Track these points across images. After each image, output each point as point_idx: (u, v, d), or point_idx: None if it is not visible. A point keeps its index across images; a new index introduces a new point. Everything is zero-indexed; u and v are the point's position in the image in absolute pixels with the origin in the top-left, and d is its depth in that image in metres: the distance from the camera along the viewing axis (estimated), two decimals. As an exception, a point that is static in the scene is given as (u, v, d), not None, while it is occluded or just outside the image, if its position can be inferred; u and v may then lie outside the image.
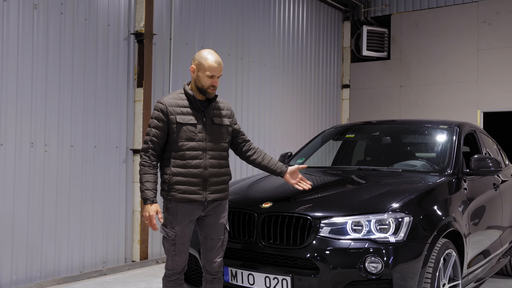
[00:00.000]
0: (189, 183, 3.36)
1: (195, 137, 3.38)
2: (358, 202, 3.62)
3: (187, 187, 3.36)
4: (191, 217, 3.41)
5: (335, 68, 10.51)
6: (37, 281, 5.25)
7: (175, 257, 3.43)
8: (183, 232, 3.41)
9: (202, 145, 3.39)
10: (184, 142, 3.36)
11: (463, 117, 9.09)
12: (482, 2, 9.40)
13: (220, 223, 3.49)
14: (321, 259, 3.34)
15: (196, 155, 3.37)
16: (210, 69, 3.39)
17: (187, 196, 3.36)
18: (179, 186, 3.36)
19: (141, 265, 6.21)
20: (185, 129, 3.36)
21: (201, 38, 7.24)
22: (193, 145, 3.37)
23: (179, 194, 3.36)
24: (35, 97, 5.29)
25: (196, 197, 3.37)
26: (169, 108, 3.37)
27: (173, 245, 3.41)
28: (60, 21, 5.53)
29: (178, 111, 3.38)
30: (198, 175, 3.36)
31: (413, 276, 3.34)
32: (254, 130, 8.25)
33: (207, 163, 3.39)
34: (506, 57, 9.13)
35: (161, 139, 3.38)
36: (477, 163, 4.42)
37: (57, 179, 5.49)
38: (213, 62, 3.39)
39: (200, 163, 3.37)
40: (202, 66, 3.39)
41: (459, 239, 3.94)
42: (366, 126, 5.67)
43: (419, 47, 10.04)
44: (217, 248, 3.49)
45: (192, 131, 3.37)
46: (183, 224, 3.39)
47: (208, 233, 3.49)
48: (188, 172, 3.36)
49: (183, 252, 3.45)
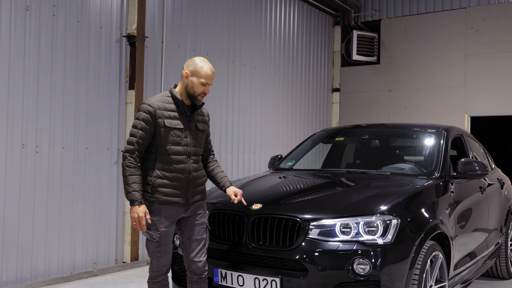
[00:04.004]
0: (174, 186, 3.41)
1: (181, 142, 3.42)
2: (347, 205, 3.66)
3: (171, 190, 3.40)
4: (174, 218, 3.47)
5: (325, 72, 10.59)
6: (28, 282, 5.25)
7: (160, 258, 3.47)
8: (166, 233, 3.45)
9: (187, 150, 3.45)
10: (170, 146, 3.40)
11: (451, 121, 9.20)
12: (470, 9, 9.53)
13: (202, 222, 3.56)
14: (310, 261, 3.38)
15: (182, 159, 3.42)
16: (206, 77, 3.43)
17: (171, 198, 3.41)
18: (164, 189, 3.39)
19: (131, 266, 6.22)
20: (172, 133, 3.40)
21: (193, 41, 7.28)
22: (179, 150, 3.42)
23: (163, 197, 3.40)
24: (26, 98, 5.29)
25: (179, 200, 3.43)
26: (157, 111, 3.38)
27: (158, 247, 3.44)
28: (52, 23, 5.54)
29: (166, 115, 3.40)
30: (182, 179, 3.42)
31: (401, 278, 3.38)
32: (245, 133, 8.29)
33: (191, 167, 3.46)
34: (493, 63, 9.26)
35: (146, 141, 3.40)
36: (464, 167, 4.48)
37: (48, 180, 5.49)
38: (208, 70, 3.44)
39: (185, 168, 3.43)
40: (197, 73, 3.42)
41: (446, 241, 3.99)
42: (355, 130, 5.73)
43: (408, 52, 10.15)
44: (200, 247, 3.54)
45: (179, 136, 3.42)
46: (166, 225, 3.43)
47: (191, 233, 3.54)
48: (174, 176, 3.40)
49: (168, 252, 3.49)
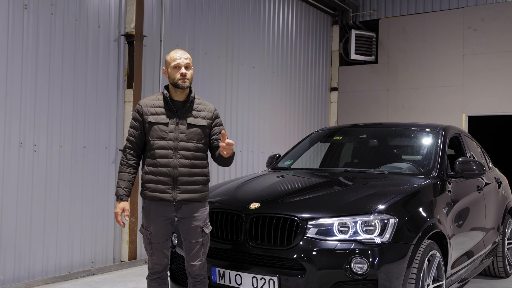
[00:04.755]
0: (159, 181, 3.42)
1: (165, 136, 3.43)
2: (345, 204, 3.68)
3: (156, 186, 3.42)
4: (164, 217, 3.45)
5: (323, 71, 10.60)
6: (25, 281, 5.25)
7: (152, 255, 3.50)
8: (157, 231, 3.46)
9: (172, 145, 3.43)
10: (155, 141, 3.44)
11: (448, 120, 9.22)
12: (468, 9, 9.55)
13: (196, 225, 3.47)
14: (307, 260, 3.39)
15: (166, 154, 3.42)
16: (173, 60, 3.47)
17: (156, 194, 3.42)
18: (149, 184, 3.44)
19: (129, 265, 6.22)
20: (156, 128, 3.44)
21: (191, 40, 7.28)
22: (163, 144, 3.43)
23: (149, 192, 3.44)
24: (24, 97, 5.29)
25: (165, 196, 3.41)
26: (144, 108, 3.48)
27: (149, 244, 3.48)
28: (50, 22, 5.54)
29: (152, 111, 3.47)
30: (167, 174, 3.41)
31: (398, 277, 3.40)
32: (243, 132, 8.30)
33: (177, 162, 3.42)
34: (491, 62, 9.28)
35: (138, 138, 3.49)
36: (461, 166, 4.50)
37: (46, 179, 5.49)
38: (174, 54, 3.49)
39: (169, 162, 3.41)
40: (168, 63, 3.50)
41: (443, 240, 4.01)
42: (353, 129, 5.75)
43: (406, 52, 10.17)
44: (195, 251, 3.49)
45: (163, 130, 3.44)
46: (156, 223, 3.45)
47: (186, 235, 3.51)
48: (158, 171, 3.42)
49: (160, 251, 3.50)
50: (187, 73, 3.45)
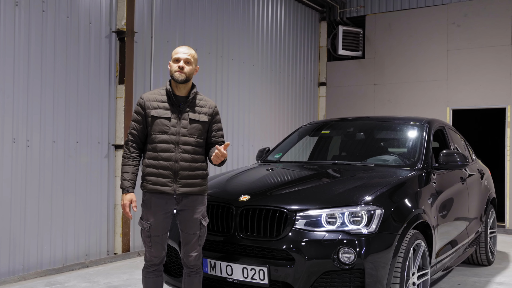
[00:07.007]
0: (160, 175, 3.47)
1: (167, 131, 3.49)
2: (333, 195, 3.77)
3: (157, 179, 3.47)
4: (165, 210, 3.50)
5: (312, 67, 10.71)
6: (20, 274, 5.32)
7: (151, 248, 3.54)
8: (157, 224, 3.50)
9: (174, 139, 3.48)
10: (157, 135, 3.49)
11: (433, 114, 9.38)
12: (452, 5, 9.70)
13: (195, 218, 3.54)
14: (296, 250, 3.47)
15: (168, 148, 3.48)
16: (175, 53, 3.56)
17: (157, 187, 3.47)
18: (150, 177, 3.49)
19: (123, 258, 6.31)
20: (158, 122, 3.49)
21: (182, 36, 7.36)
22: (165, 138, 3.48)
23: (149, 185, 3.49)
24: (17, 93, 5.34)
25: (165, 189, 3.46)
26: (146, 103, 3.53)
27: (148, 237, 3.52)
28: (41, 18, 5.58)
29: (155, 105, 3.52)
30: (168, 167, 3.46)
31: (384, 266, 3.49)
32: (234, 126, 8.40)
33: (178, 156, 3.47)
34: (474, 57, 9.45)
35: (140, 132, 3.54)
36: (445, 158, 4.60)
37: (39, 174, 5.56)
38: (179, 48, 3.58)
39: (171, 156, 3.47)
40: (172, 56, 3.59)
41: (428, 230, 4.11)
42: (341, 123, 5.82)
43: (392, 47, 10.31)
44: (192, 242, 3.56)
45: (166, 125, 3.49)
46: (157, 216, 3.49)
47: (184, 227, 3.57)
48: (159, 164, 3.47)
49: (159, 244, 3.54)
50: (185, 67, 3.50)
